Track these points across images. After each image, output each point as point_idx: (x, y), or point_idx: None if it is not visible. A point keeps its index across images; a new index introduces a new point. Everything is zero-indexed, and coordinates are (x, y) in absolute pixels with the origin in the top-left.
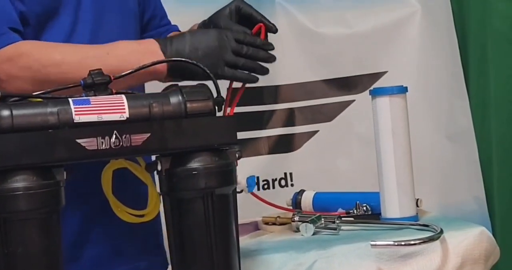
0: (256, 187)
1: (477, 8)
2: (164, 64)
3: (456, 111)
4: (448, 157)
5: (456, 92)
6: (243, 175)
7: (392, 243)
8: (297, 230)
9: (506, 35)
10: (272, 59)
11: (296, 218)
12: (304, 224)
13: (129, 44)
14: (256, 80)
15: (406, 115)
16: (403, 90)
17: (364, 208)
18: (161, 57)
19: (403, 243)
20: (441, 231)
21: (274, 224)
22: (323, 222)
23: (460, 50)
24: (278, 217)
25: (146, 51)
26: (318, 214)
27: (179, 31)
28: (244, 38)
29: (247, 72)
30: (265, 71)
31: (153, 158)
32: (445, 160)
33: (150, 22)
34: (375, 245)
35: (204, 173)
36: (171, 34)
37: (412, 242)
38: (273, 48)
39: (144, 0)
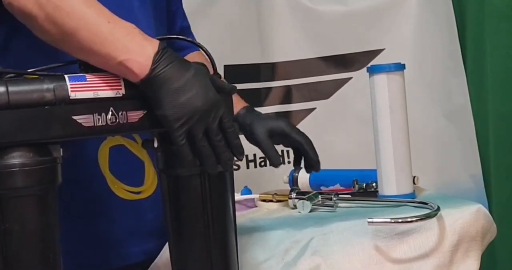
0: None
1: None
2: (144, 73)
3: (453, 89)
4: (444, 135)
5: (453, 70)
6: None
7: (389, 220)
8: (294, 207)
9: (504, 13)
10: (227, 168)
11: (293, 195)
12: (301, 201)
13: (130, 28)
14: (195, 171)
15: (404, 93)
16: (400, 67)
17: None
18: (148, 64)
19: (400, 221)
20: (438, 208)
21: (271, 201)
22: (320, 199)
23: (457, 28)
24: (275, 194)
25: (141, 46)
26: (315, 192)
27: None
28: (228, 128)
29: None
30: (211, 171)
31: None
32: (441, 137)
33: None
34: (372, 222)
35: None
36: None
37: (409, 219)
38: (241, 159)
39: None
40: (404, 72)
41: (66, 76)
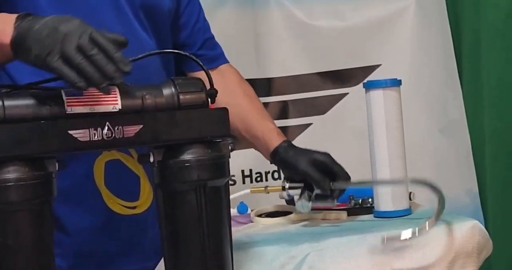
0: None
1: (471, 1)
2: (8, 36)
3: (449, 104)
4: (441, 150)
5: (449, 85)
6: (236, 167)
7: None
8: (288, 197)
9: (500, 29)
10: (117, 80)
11: (287, 186)
12: (300, 201)
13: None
14: (82, 87)
15: (400, 108)
16: (397, 83)
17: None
18: (10, 27)
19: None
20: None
21: (265, 188)
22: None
23: (453, 44)
24: (267, 186)
25: (3, 20)
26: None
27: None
28: (102, 43)
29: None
30: (101, 88)
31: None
32: (438, 152)
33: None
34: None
35: (196, 165)
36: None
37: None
38: (126, 71)
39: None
40: (400, 88)
41: (62, 90)
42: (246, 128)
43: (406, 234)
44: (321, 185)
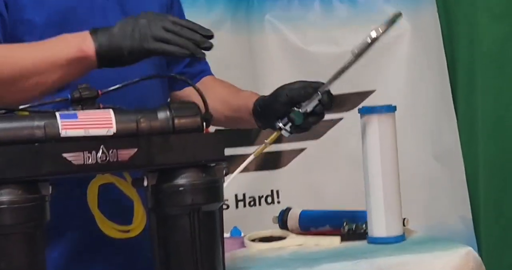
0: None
1: (466, 29)
2: (92, 47)
3: (443, 131)
4: (435, 176)
5: (444, 112)
6: (230, 192)
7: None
8: (288, 134)
9: (494, 57)
10: (207, 44)
11: (280, 124)
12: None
13: (60, 36)
14: (187, 53)
15: (395, 135)
16: (391, 109)
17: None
18: (89, 39)
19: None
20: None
21: (264, 144)
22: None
23: (448, 70)
24: (265, 141)
25: (77, 36)
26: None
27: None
28: (179, 21)
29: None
30: (198, 52)
31: None
32: (432, 179)
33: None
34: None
35: (190, 189)
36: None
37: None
38: (210, 35)
39: None
40: (395, 114)
41: (57, 113)
42: (228, 107)
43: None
44: (307, 90)
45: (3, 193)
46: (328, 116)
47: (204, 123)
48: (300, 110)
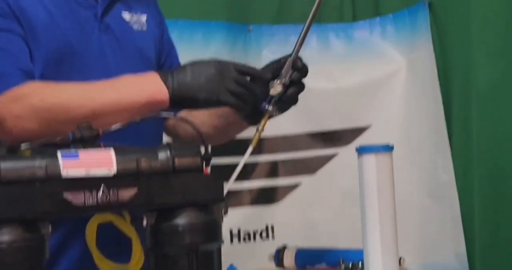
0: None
1: (462, 66)
2: (166, 93)
3: (438, 167)
4: (430, 213)
5: (439, 149)
6: (225, 227)
7: None
8: (276, 113)
9: (489, 94)
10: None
11: (266, 106)
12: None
13: (130, 76)
14: (247, 111)
15: (392, 174)
16: (389, 149)
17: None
18: (162, 86)
19: None
20: None
21: (257, 131)
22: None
23: (444, 107)
24: (256, 128)
25: (147, 82)
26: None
27: None
28: (242, 67)
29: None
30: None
31: None
32: (427, 216)
33: None
34: None
35: (189, 229)
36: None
37: None
38: (269, 78)
39: (162, 53)
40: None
41: (59, 153)
42: (215, 115)
43: None
44: (278, 63)
45: (3, 232)
46: (323, 152)
47: (204, 163)
48: (272, 82)
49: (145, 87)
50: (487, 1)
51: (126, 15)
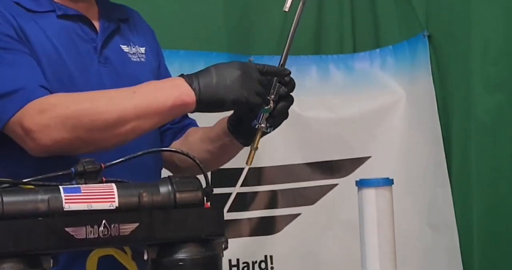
0: None
1: (461, 98)
2: (192, 96)
3: (438, 199)
4: (429, 245)
5: (439, 180)
6: (224, 256)
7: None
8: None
9: (489, 127)
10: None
11: (262, 124)
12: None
13: (154, 82)
14: (269, 110)
15: (392, 207)
16: (389, 182)
17: None
18: (189, 90)
19: None
20: None
21: (252, 150)
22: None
23: (443, 139)
24: (252, 146)
25: (172, 85)
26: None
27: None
28: (263, 68)
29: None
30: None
31: None
32: (426, 247)
33: None
34: None
35: (190, 264)
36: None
37: None
38: (289, 73)
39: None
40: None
41: (61, 187)
42: (207, 140)
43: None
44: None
45: (5, 267)
46: (322, 182)
47: (205, 198)
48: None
49: (171, 90)
50: (486, 33)
51: (125, 47)
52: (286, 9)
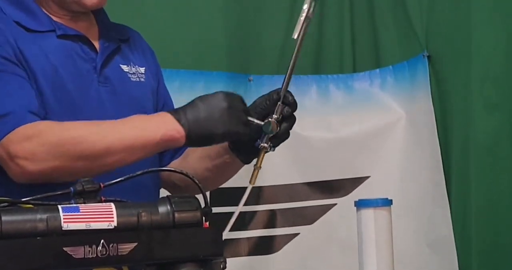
0: None
1: (460, 119)
2: (181, 131)
3: (437, 219)
4: (428, 266)
5: (438, 201)
6: None
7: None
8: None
9: (488, 148)
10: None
11: (266, 145)
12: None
13: (143, 116)
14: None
15: (390, 228)
16: (388, 203)
17: None
18: (177, 124)
19: None
20: None
21: (256, 169)
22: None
23: (442, 159)
24: (255, 165)
25: (161, 121)
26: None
27: None
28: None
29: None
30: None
31: None
32: (425, 267)
33: None
34: None
35: None
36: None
37: None
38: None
39: (158, 102)
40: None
41: (59, 206)
42: (207, 158)
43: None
44: (270, 100)
45: None
46: (322, 202)
47: (204, 218)
48: (268, 120)
49: (160, 125)
50: (486, 54)
51: (125, 67)
52: (295, 37)
